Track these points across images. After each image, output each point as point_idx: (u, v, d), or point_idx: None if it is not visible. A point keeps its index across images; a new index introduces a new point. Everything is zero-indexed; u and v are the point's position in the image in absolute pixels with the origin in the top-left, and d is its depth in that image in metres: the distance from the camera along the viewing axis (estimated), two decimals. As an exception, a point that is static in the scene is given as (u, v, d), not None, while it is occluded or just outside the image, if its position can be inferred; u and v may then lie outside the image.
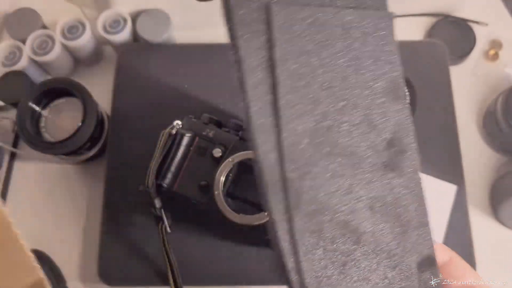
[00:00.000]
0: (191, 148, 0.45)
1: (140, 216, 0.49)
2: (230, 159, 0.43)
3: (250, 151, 0.43)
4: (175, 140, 0.45)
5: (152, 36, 0.55)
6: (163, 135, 0.45)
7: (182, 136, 0.45)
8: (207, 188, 0.44)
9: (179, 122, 0.46)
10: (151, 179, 0.44)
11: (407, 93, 0.28)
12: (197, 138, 0.45)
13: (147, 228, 0.49)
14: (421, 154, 0.53)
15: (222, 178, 0.42)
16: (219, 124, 0.48)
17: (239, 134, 0.45)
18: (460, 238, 0.48)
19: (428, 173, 0.50)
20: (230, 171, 0.43)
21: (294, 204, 0.22)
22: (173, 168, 0.45)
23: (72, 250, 0.52)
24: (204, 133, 0.45)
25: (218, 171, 0.42)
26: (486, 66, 0.59)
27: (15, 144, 0.56)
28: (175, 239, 0.48)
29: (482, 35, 0.60)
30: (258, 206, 0.44)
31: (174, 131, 0.45)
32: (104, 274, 0.48)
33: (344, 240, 0.23)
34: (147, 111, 0.53)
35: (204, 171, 0.45)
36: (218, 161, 0.44)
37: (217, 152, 0.44)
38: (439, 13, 0.61)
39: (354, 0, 0.25)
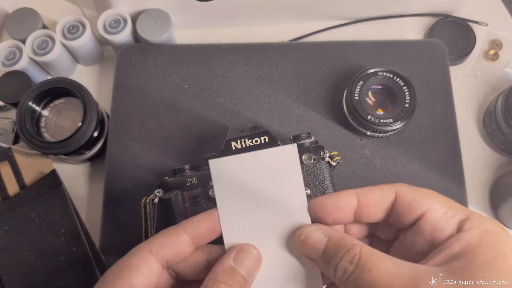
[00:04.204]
0: (186, 205, 0.43)
1: (140, 217, 0.49)
2: None
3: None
4: (166, 207, 0.43)
5: (152, 36, 0.55)
6: (145, 204, 0.43)
7: (170, 200, 0.42)
8: None
9: (160, 190, 0.43)
10: None
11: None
12: (184, 193, 0.43)
13: (147, 228, 0.49)
14: (421, 154, 0.53)
15: None
16: (195, 168, 0.45)
17: None
18: (460, 238, 0.48)
19: (428, 173, 0.50)
20: None
21: None
22: None
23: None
24: (188, 184, 0.43)
25: None
26: (486, 66, 0.59)
27: (15, 144, 0.56)
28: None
29: (482, 35, 0.60)
30: None
31: (156, 200, 0.43)
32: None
33: None
34: (147, 111, 0.53)
35: None
36: None
37: (214, 193, 0.42)
38: (439, 13, 0.61)
39: None
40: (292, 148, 0.31)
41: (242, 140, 0.43)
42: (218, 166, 0.31)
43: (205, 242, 0.30)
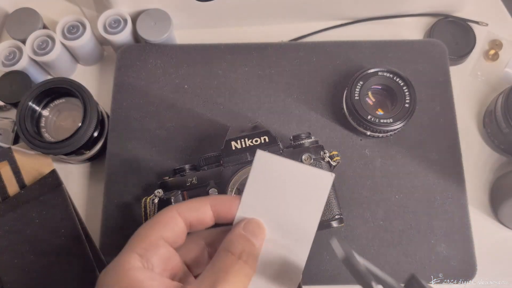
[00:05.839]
0: None
1: (140, 216, 0.49)
2: (230, 189, 0.41)
3: (242, 171, 0.42)
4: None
5: (152, 36, 0.55)
6: (145, 204, 0.44)
7: (170, 200, 0.43)
8: None
9: (160, 190, 0.44)
10: None
11: None
12: (184, 193, 0.43)
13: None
14: (421, 154, 0.53)
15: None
16: (195, 168, 0.46)
17: (220, 164, 0.43)
18: (460, 238, 0.48)
19: (428, 173, 0.50)
20: None
21: None
22: None
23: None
24: (188, 184, 0.43)
25: None
26: (486, 66, 0.59)
27: (15, 144, 0.56)
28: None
29: (482, 35, 0.60)
30: None
31: (156, 200, 0.43)
32: (104, 274, 0.48)
33: None
34: (147, 111, 0.53)
35: None
36: None
37: (214, 192, 0.42)
38: (439, 13, 0.61)
39: None
40: (330, 177, 0.32)
41: (242, 140, 0.43)
42: (263, 159, 0.33)
43: (218, 222, 0.33)
